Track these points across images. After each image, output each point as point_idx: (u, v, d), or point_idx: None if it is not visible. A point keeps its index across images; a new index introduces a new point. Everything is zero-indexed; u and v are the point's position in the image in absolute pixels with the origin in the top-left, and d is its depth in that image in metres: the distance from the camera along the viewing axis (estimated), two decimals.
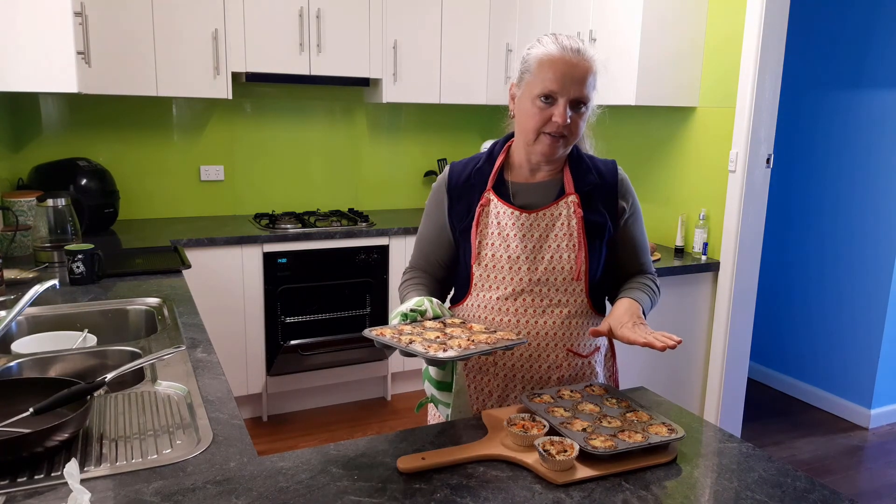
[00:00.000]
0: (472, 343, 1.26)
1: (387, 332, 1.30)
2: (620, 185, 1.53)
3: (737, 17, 2.89)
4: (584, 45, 1.40)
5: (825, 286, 3.80)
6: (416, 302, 1.42)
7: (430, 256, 1.60)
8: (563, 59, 1.37)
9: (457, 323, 1.40)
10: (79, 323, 1.89)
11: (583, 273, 1.46)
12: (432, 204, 1.58)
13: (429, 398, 1.47)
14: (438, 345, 1.24)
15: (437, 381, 1.41)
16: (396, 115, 4.13)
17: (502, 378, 1.49)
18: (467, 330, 1.35)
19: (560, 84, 1.36)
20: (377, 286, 3.56)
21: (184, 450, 1.19)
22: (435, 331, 1.33)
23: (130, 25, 3.09)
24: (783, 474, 1.15)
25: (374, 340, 1.27)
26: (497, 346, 1.27)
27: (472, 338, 1.29)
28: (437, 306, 1.44)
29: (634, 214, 1.55)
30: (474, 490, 1.07)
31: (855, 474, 3.15)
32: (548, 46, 1.39)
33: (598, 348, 1.56)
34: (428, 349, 1.22)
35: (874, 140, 3.53)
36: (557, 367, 1.49)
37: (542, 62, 1.38)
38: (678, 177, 3.23)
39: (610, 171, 1.53)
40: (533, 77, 1.40)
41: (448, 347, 1.23)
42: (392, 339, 1.26)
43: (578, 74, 1.36)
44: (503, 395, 1.50)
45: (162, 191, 3.63)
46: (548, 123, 1.39)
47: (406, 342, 1.24)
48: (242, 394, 3.37)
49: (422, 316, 1.41)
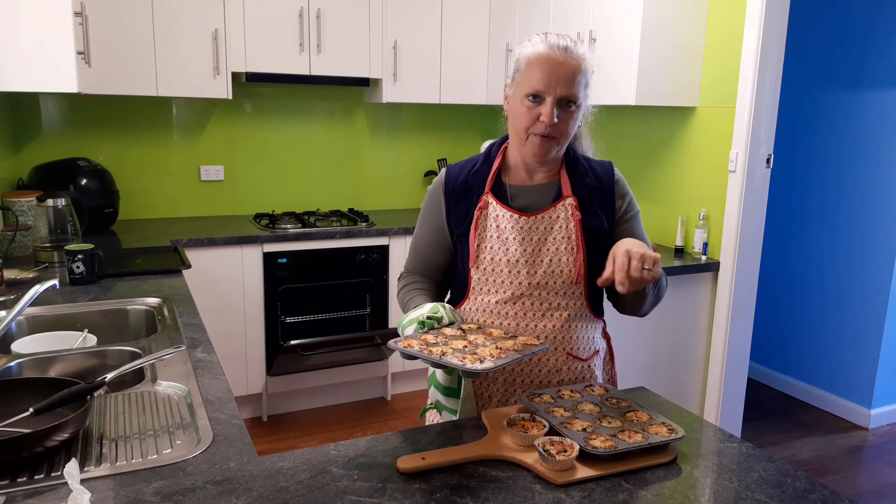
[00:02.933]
0: (501, 350, 1.26)
1: (414, 343, 1.28)
2: (617, 186, 1.52)
3: (737, 17, 2.89)
4: (574, 43, 1.39)
5: (825, 286, 3.80)
6: (432, 309, 1.40)
7: (427, 260, 1.59)
8: (550, 58, 1.36)
9: (474, 329, 1.39)
10: (79, 323, 1.89)
11: (582, 276, 1.45)
12: (429, 207, 1.57)
13: (433, 404, 1.47)
14: (470, 355, 1.23)
15: (444, 386, 1.40)
16: (396, 115, 4.13)
17: (502, 383, 1.49)
18: (489, 336, 1.34)
19: (546, 83, 1.35)
20: (377, 286, 3.56)
21: (184, 450, 1.19)
22: (458, 339, 1.32)
23: (130, 25, 3.09)
24: (783, 474, 1.15)
25: (401, 352, 1.26)
26: (526, 354, 1.27)
27: (498, 345, 1.29)
28: (451, 312, 1.42)
29: (632, 214, 1.54)
30: (474, 490, 1.07)
31: (855, 474, 3.15)
32: (536, 46, 1.39)
33: (597, 352, 1.55)
34: (463, 360, 1.21)
35: (874, 140, 3.53)
36: (557, 371, 1.48)
37: (531, 61, 1.38)
38: (678, 177, 3.23)
39: (606, 173, 1.52)
40: (522, 76, 1.40)
41: (481, 358, 1.23)
42: (421, 350, 1.25)
43: (565, 73, 1.35)
44: (503, 399, 1.49)
45: (162, 191, 3.63)
46: (535, 123, 1.38)
47: (438, 354, 1.23)
48: (242, 394, 3.37)
49: (438, 323, 1.39)
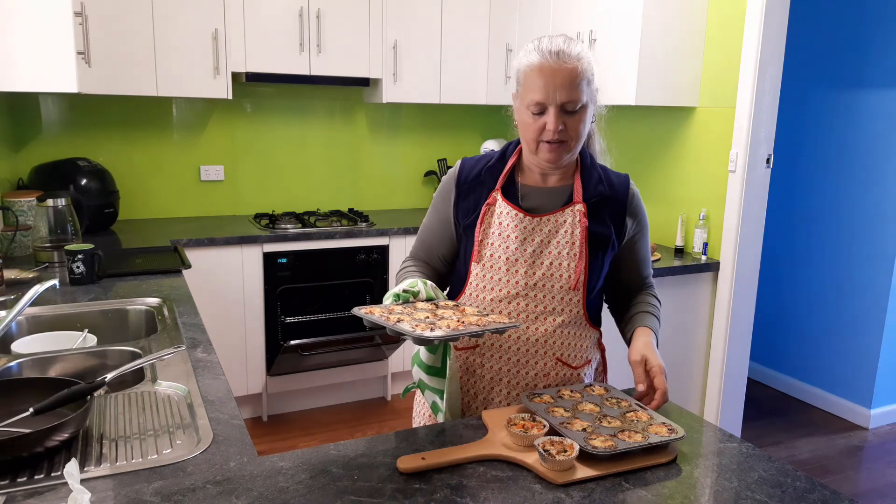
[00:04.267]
0: (462, 324, 1.24)
1: (376, 310, 1.29)
2: (631, 200, 1.50)
3: (737, 17, 2.89)
4: (567, 44, 1.37)
5: (825, 286, 3.80)
6: (410, 283, 1.41)
7: (431, 248, 1.59)
8: (543, 67, 1.34)
9: (449, 305, 1.37)
10: (79, 323, 1.89)
11: (580, 283, 1.45)
12: (440, 197, 1.57)
13: (416, 383, 1.46)
14: (427, 325, 1.22)
15: (427, 365, 1.39)
16: (396, 115, 4.13)
17: (488, 381, 1.48)
18: (459, 312, 1.33)
19: (544, 93, 1.34)
20: (377, 286, 3.56)
21: (184, 450, 1.19)
22: (426, 311, 1.31)
23: (130, 25, 3.09)
24: (783, 474, 1.15)
25: (363, 319, 1.26)
26: (487, 329, 1.24)
27: (462, 319, 1.27)
28: (432, 289, 1.42)
29: (641, 232, 1.53)
30: (474, 490, 1.07)
31: (855, 474, 3.15)
32: (530, 56, 1.38)
33: (589, 361, 1.53)
34: (415, 328, 1.20)
35: (874, 140, 3.53)
36: (545, 376, 1.47)
37: (527, 73, 1.38)
38: (678, 177, 3.23)
39: (622, 185, 1.51)
40: (522, 88, 1.40)
41: (437, 327, 1.21)
42: (381, 317, 1.25)
43: (562, 79, 1.33)
44: (487, 398, 1.49)
45: (162, 191, 3.63)
46: (543, 132, 1.38)
47: (394, 321, 1.23)
48: (242, 394, 3.37)
49: (414, 297, 1.40)
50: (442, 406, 1.40)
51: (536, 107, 1.36)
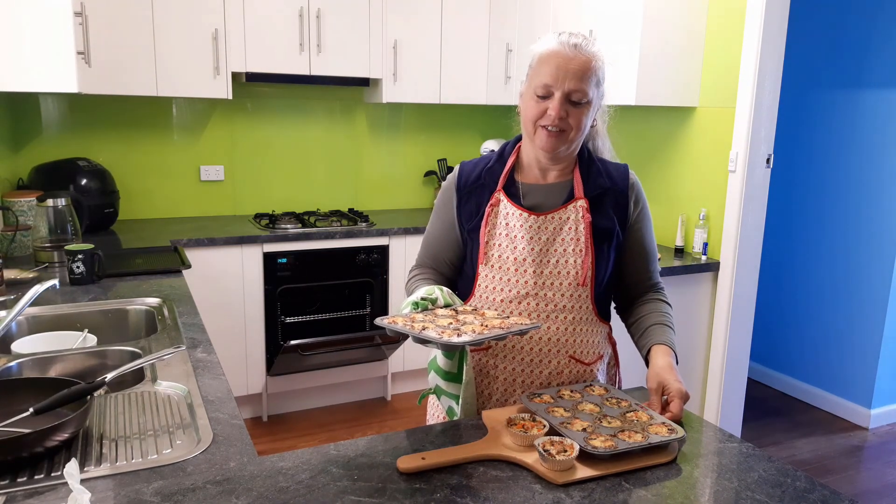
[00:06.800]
0: (486, 328, 1.25)
1: (399, 320, 1.29)
2: (631, 189, 1.51)
3: (737, 17, 2.89)
4: (586, 41, 1.40)
5: (825, 286, 3.80)
6: (427, 290, 1.42)
7: (437, 255, 1.60)
8: (559, 54, 1.37)
9: (469, 310, 1.38)
10: (79, 323, 1.89)
11: (588, 279, 1.45)
12: (441, 202, 1.58)
13: (432, 389, 1.46)
14: (452, 330, 1.23)
15: (444, 371, 1.39)
16: (396, 115, 4.13)
17: (502, 382, 1.48)
18: (480, 316, 1.34)
19: (554, 77, 1.36)
20: (377, 286, 3.56)
21: (184, 450, 1.19)
22: (447, 318, 1.32)
23: (130, 25, 3.09)
24: (783, 474, 1.15)
25: (387, 328, 1.26)
26: (511, 331, 1.25)
27: (485, 323, 1.28)
28: (449, 295, 1.43)
29: (644, 219, 1.53)
30: (474, 490, 1.07)
31: (855, 474, 3.15)
32: (548, 42, 1.41)
33: (601, 356, 1.54)
34: (441, 334, 1.20)
35: (874, 140, 3.53)
36: (559, 374, 1.47)
37: (541, 58, 1.40)
38: (678, 177, 3.24)
39: (621, 176, 1.52)
40: (533, 72, 1.41)
41: (462, 333, 1.22)
42: (405, 326, 1.25)
43: (574, 68, 1.36)
44: (503, 399, 1.49)
45: (162, 191, 3.63)
46: (543, 116, 1.39)
47: (419, 329, 1.23)
48: (242, 394, 3.37)
49: (433, 304, 1.40)
50: (458, 411, 1.40)
51: (543, 89, 1.38)
